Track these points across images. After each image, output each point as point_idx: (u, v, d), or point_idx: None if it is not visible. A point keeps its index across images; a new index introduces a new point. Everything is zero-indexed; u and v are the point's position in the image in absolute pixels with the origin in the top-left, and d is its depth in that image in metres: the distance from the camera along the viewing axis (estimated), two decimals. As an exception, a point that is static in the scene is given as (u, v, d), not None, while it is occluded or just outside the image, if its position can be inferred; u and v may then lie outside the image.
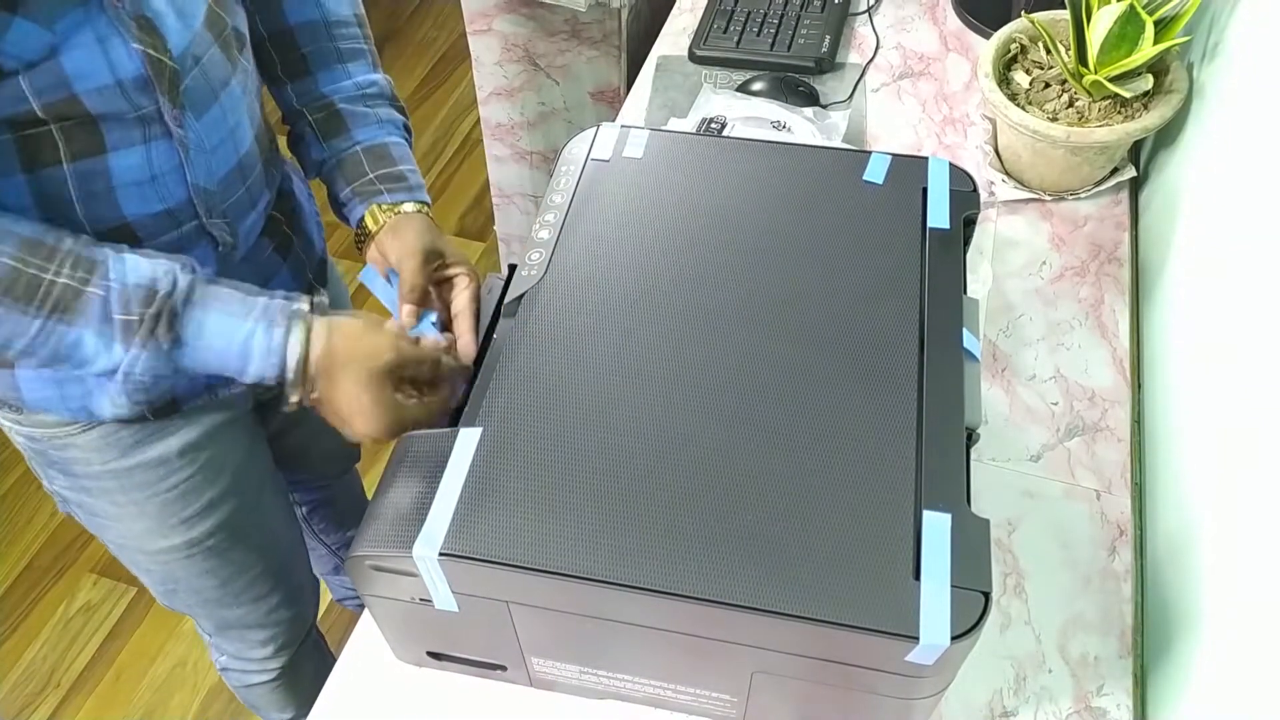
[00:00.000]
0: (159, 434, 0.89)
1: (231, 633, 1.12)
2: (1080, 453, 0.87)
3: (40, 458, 0.91)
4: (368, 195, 0.85)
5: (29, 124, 0.66)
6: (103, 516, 0.95)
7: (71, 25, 0.64)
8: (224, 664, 1.21)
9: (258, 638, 1.14)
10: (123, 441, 0.87)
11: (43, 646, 1.67)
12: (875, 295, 0.71)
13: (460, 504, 0.61)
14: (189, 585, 1.03)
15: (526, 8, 1.46)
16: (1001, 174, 1.07)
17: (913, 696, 0.62)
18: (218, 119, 0.77)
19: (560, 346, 0.69)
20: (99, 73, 0.67)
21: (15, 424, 0.87)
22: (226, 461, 0.95)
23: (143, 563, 1.00)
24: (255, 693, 1.25)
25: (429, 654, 0.73)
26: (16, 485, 1.85)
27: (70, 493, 0.94)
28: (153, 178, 0.73)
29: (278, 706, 1.29)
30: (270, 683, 1.22)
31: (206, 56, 0.74)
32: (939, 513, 0.60)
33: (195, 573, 1.01)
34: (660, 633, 0.62)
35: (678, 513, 0.60)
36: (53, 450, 0.88)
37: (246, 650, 1.16)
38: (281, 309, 0.70)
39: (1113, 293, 0.98)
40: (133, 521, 0.94)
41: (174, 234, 0.77)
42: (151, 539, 0.96)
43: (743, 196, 0.78)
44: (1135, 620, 0.78)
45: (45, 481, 0.96)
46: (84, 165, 0.69)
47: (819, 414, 0.64)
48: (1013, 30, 1.06)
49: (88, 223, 0.72)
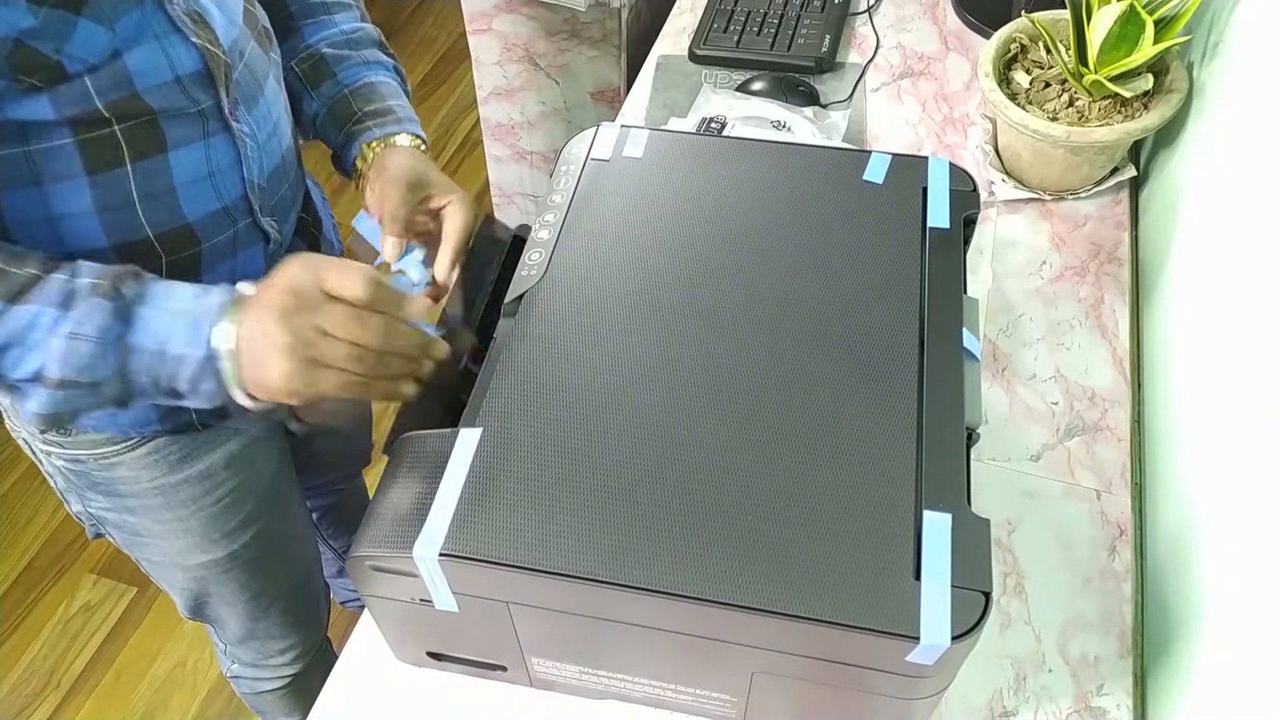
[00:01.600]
0: (205, 447, 0.89)
1: (253, 643, 1.12)
2: (1080, 453, 0.87)
3: (80, 480, 0.89)
4: (357, 134, 0.84)
5: (92, 124, 0.66)
6: (145, 535, 0.94)
7: (131, 24, 0.65)
8: (235, 672, 1.21)
9: (278, 647, 1.14)
10: (170, 457, 0.87)
11: (43, 646, 1.67)
12: (875, 295, 0.71)
13: (460, 504, 0.61)
14: (222, 599, 1.03)
15: (527, 7, 1.46)
16: (1001, 174, 1.07)
17: (913, 696, 0.62)
18: (264, 113, 0.77)
19: (560, 346, 0.69)
20: (160, 70, 0.67)
21: (57, 448, 0.86)
22: (263, 473, 0.96)
23: (179, 579, 1.00)
24: (265, 699, 1.25)
25: (429, 654, 0.73)
26: (16, 485, 1.85)
27: (111, 514, 0.93)
28: (210, 174, 0.73)
29: (285, 710, 1.29)
30: (282, 689, 1.22)
31: (249, 51, 0.75)
32: (939, 513, 0.60)
33: (231, 587, 1.01)
34: (660, 633, 0.62)
35: (678, 512, 0.60)
36: (97, 471, 0.87)
37: (264, 659, 1.16)
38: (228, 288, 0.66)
39: (1113, 292, 0.98)
40: (176, 538, 0.94)
41: (229, 233, 0.77)
42: (193, 554, 0.96)
43: (743, 196, 0.78)
44: (1135, 620, 0.78)
45: (76, 505, 0.94)
46: (146, 165, 0.69)
47: (819, 414, 0.64)
48: (1013, 30, 1.06)
49: (149, 225, 0.71)
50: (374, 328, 0.62)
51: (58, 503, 1.82)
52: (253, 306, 0.63)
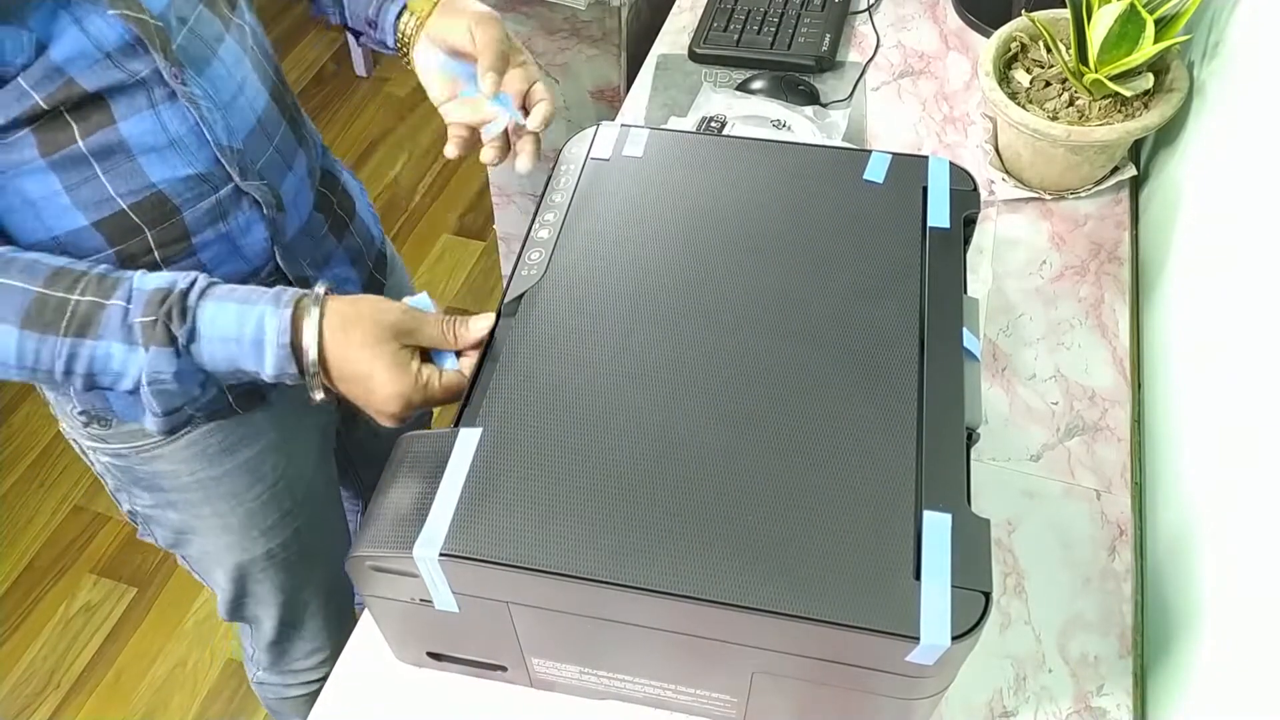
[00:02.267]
0: (245, 438, 0.90)
1: (285, 645, 1.12)
2: (1080, 452, 0.87)
3: (125, 476, 0.91)
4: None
5: (37, 116, 0.67)
6: (187, 532, 0.95)
7: (45, 15, 0.65)
8: (261, 678, 1.21)
9: (305, 650, 1.14)
10: (210, 449, 0.88)
11: (43, 646, 1.67)
12: (875, 294, 0.71)
13: (460, 504, 0.61)
14: (259, 599, 1.03)
15: (526, 6, 1.46)
16: (1002, 173, 1.07)
17: (913, 697, 0.61)
18: (222, 75, 0.77)
19: (560, 346, 0.69)
20: (85, 51, 0.67)
21: (100, 443, 0.87)
22: (302, 469, 0.97)
23: (219, 577, 1.01)
24: (289, 704, 1.25)
25: (429, 654, 0.73)
26: (17, 485, 1.85)
27: (154, 510, 0.94)
28: (171, 142, 0.74)
29: (301, 714, 1.29)
30: (307, 696, 1.22)
31: (194, 16, 0.75)
32: (939, 513, 0.60)
33: (268, 587, 1.02)
34: (660, 633, 0.62)
35: (678, 512, 0.60)
36: (139, 465, 0.88)
37: (291, 664, 1.16)
38: (292, 292, 0.70)
39: (1113, 292, 0.98)
40: (216, 535, 0.95)
41: (211, 199, 0.77)
42: (233, 551, 0.97)
43: (743, 195, 0.78)
44: (1135, 620, 0.78)
45: (125, 504, 0.96)
46: (97, 139, 0.70)
47: (819, 413, 0.64)
48: (1013, 29, 1.06)
49: (120, 198, 0.73)
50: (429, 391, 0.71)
51: (58, 503, 1.84)
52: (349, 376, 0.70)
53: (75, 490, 1.85)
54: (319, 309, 0.69)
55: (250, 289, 0.71)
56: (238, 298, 0.70)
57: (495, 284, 2.15)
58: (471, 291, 2.14)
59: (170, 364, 0.68)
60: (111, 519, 1.81)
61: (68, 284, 0.67)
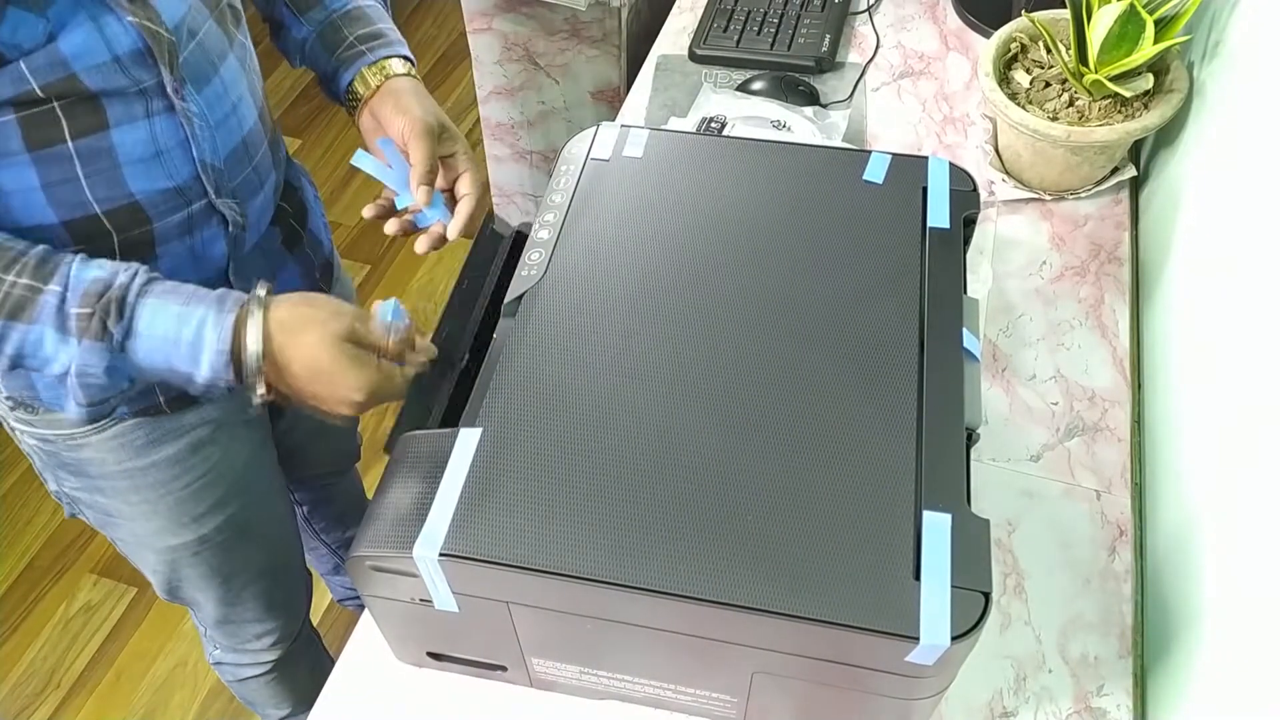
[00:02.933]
0: (172, 433, 0.89)
1: (229, 626, 1.13)
2: (1080, 453, 0.87)
3: (51, 459, 0.90)
4: (351, 59, 0.86)
5: (29, 103, 0.67)
6: (115, 516, 0.95)
7: (64, 8, 0.65)
8: (218, 658, 1.22)
9: (254, 631, 1.15)
10: (136, 441, 0.88)
11: (43, 646, 1.67)
12: (875, 295, 0.71)
13: (460, 504, 0.61)
14: (194, 583, 1.03)
15: (526, 7, 1.46)
16: (1002, 173, 1.07)
17: (913, 697, 0.62)
18: (219, 93, 0.77)
19: (560, 346, 0.69)
20: (96, 51, 0.67)
21: (27, 426, 0.87)
22: (235, 460, 0.96)
23: (150, 560, 1.01)
24: (249, 686, 1.25)
25: (429, 654, 0.73)
26: (16, 485, 1.85)
27: (82, 493, 0.94)
28: (158, 154, 0.73)
29: (273, 702, 1.29)
30: (264, 676, 1.22)
31: (203, 31, 0.75)
32: (939, 513, 0.60)
33: (201, 571, 1.01)
34: (660, 633, 0.62)
35: (677, 512, 0.60)
36: (66, 451, 0.88)
37: (242, 644, 1.17)
38: (236, 296, 0.70)
39: (1113, 292, 0.98)
40: (145, 520, 0.94)
41: (183, 214, 0.77)
42: (162, 537, 0.96)
43: (743, 196, 0.78)
44: (1135, 620, 0.78)
45: (53, 484, 0.96)
46: (87, 142, 0.70)
47: (819, 414, 0.64)
48: (1013, 29, 1.06)
49: (96, 203, 0.72)
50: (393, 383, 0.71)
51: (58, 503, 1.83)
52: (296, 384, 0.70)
53: (75, 490, 1.85)
54: (262, 312, 0.69)
55: (193, 289, 0.70)
56: (180, 298, 0.69)
57: (495, 284, 2.15)
58: (471, 292, 2.14)
59: (102, 359, 0.67)
60: (111, 519, 1.81)
61: (4, 264, 0.66)
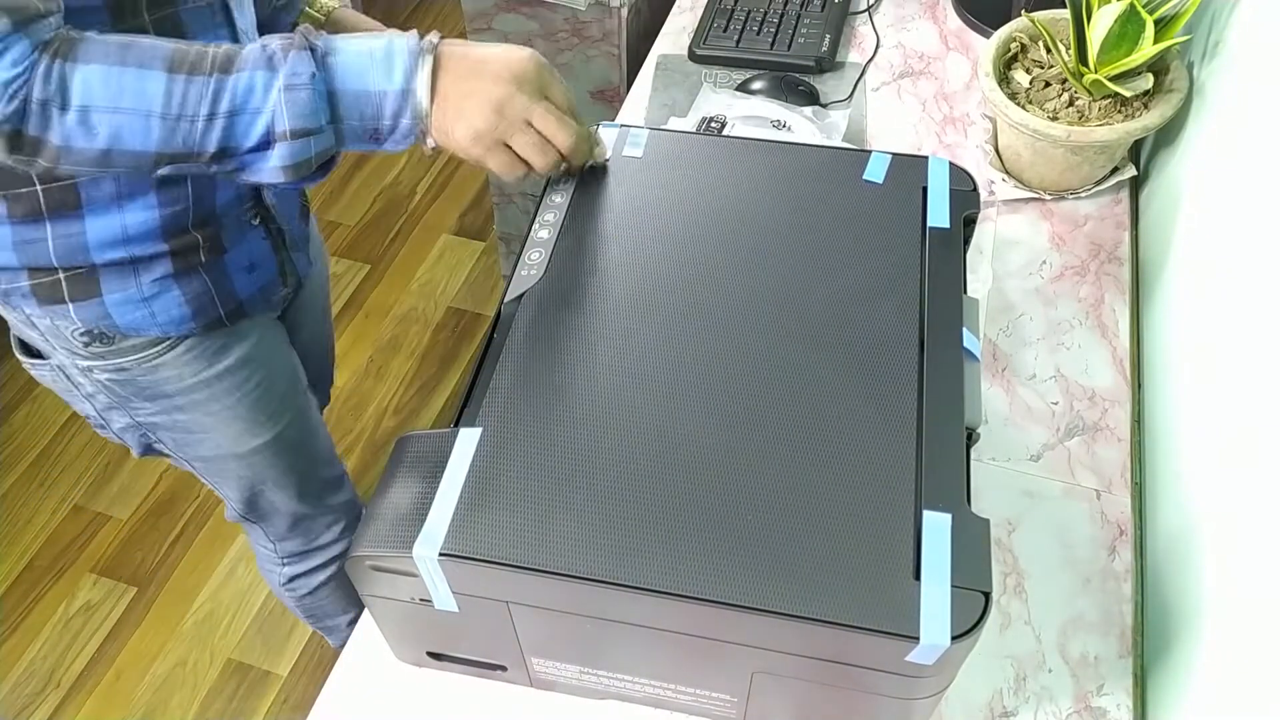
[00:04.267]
0: (234, 338, 0.96)
1: (304, 524, 1.20)
2: (1080, 452, 0.87)
3: (126, 389, 0.95)
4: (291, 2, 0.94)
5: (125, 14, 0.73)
6: (198, 432, 1.01)
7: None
8: (289, 574, 1.27)
9: (325, 522, 1.22)
10: (207, 352, 0.94)
11: (43, 646, 1.67)
12: (875, 295, 0.71)
13: (460, 504, 0.61)
14: (275, 483, 1.11)
15: (527, 7, 1.46)
16: (1002, 173, 1.07)
17: (913, 696, 0.62)
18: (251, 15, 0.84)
19: (560, 346, 0.69)
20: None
21: (101, 360, 0.91)
22: (285, 360, 1.05)
23: (234, 471, 1.07)
24: (321, 595, 1.31)
25: (429, 654, 0.73)
26: (16, 485, 1.85)
27: (160, 417, 0.99)
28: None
29: (341, 606, 1.35)
30: (334, 578, 1.29)
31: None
32: (939, 513, 0.60)
33: (281, 468, 1.10)
34: (660, 633, 0.62)
35: (678, 512, 0.60)
36: (142, 376, 0.93)
37: (313, 542, 1.24)
38: None
39: (1113, 292, 0.98)
40: (228, 426, 1.01)
41: None
42: (245, 440, 1.04)
43: (743, 196, 0.78)
44: (1135, 620, 0.78)
45: (122, 420, 1.00)
46: None
47: (819, 413, 0.64)
48: (1013, 29, 1.06)
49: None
50: (569, 133, 0.75)
51: (58, 502, 1.84)
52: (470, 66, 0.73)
53: (75, 490, 1.85)
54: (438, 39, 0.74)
55: None
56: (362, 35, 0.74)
57: (495, 284, 2.15)
58: (471, 291, 2.14)
59: (308, 65, 0.69)
60: (111, 518, 1.81)
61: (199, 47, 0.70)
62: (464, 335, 2.07)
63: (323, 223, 2.24)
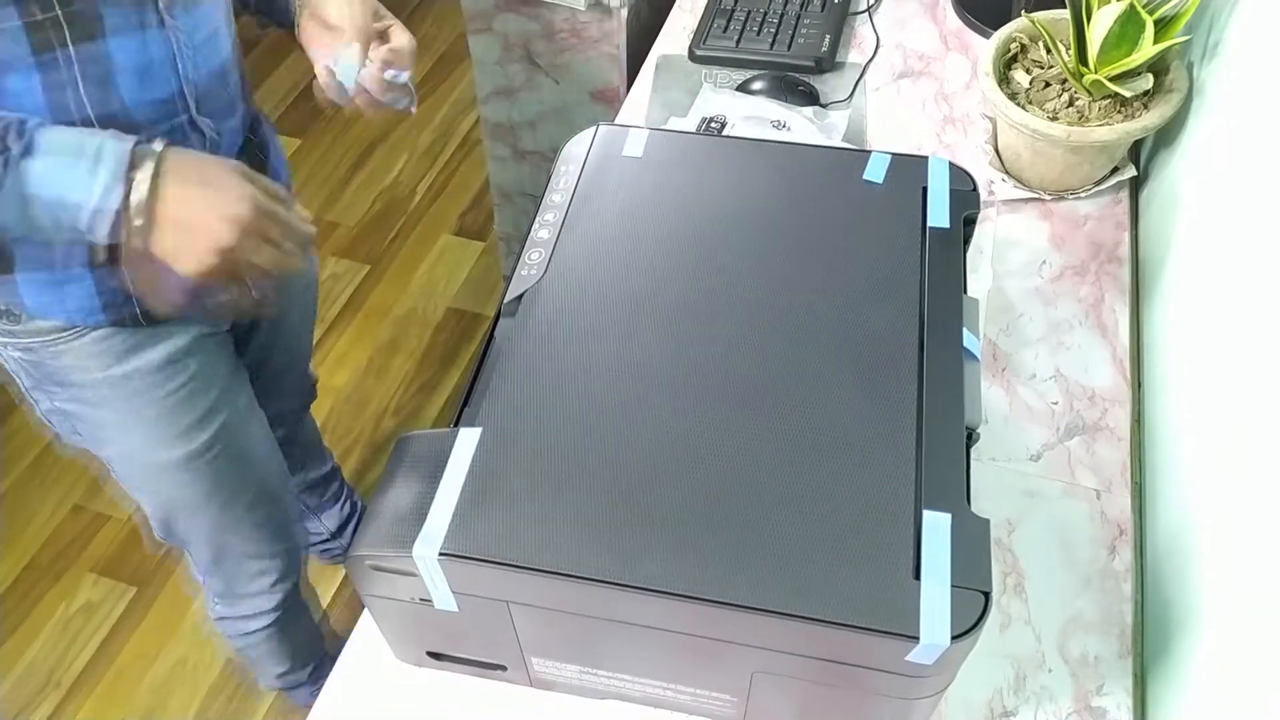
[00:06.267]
0: (149, 342, 0.92)
1: (229, 563, 1.12)
2: (1080, 452, 0.87)
3: (37, 370, 0.93)
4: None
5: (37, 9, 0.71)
6: (106, 427, 0.97)
7: None
8: (220, 612, 1.21)
9: (256, 568, 1.15)
10: (115, 348, 0.91)
11: (43, 646, 1.67)
12: (875, 294, 0.71)
13: (460, 504, 0.61)
14: (189, 509, 1.04)
15: (527, 7, 1.46)
16: (1001, 173, 1.07)
17: (913, 696, 0.62)
18: (204, 17, 0.83)
19: (560, 346, 0.69)
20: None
21: (11, 338, 0.90)
22: (215, 374, 0.99)
23: (145, 483, 1.02)
24: (253, 641, 1.24)
25: (429, 654, 0.73)
26: (16, 485, 1.85)
27: (70, 405, 0.96)
28: (149, 65, 0.79)
29: (274, 658, 1.29)
30: (267, 629, 1.22)
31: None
32: (939, 512, 0.60)
33: (196, 494, 1.03)
34: (660, 632, 0.62)
35: (678, 512, 0.60)
36: (49, 360, 0.91)
37: (244, 585, 1.16)
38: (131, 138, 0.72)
39: (1113, 292, 0.98)
40: (133, 431, 0.96)
41: (168, 125, 0.83)
42: (154, 451, 0.98)
43: (743, 196, 0.78)
44: (1135, 620, 0.78)
45: (44, 403, 0.98)
46: (86, 48, 0.74)
47: (819, 413, 0.64)
48: (1013, 29, 1.06)
49: (91, 108, 0.77)
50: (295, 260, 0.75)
51: (58, 502, 1.83)
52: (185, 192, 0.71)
53: (75, 490, 1.84)
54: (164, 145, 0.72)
55: None
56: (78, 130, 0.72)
57: (495, 284, 2.15)
58: (472, 291, 2.14)
59: None
60: (112, 518, 1.81)
61: None
62: (464, 335, 2.07)
63: (323, 223, 2.24)
